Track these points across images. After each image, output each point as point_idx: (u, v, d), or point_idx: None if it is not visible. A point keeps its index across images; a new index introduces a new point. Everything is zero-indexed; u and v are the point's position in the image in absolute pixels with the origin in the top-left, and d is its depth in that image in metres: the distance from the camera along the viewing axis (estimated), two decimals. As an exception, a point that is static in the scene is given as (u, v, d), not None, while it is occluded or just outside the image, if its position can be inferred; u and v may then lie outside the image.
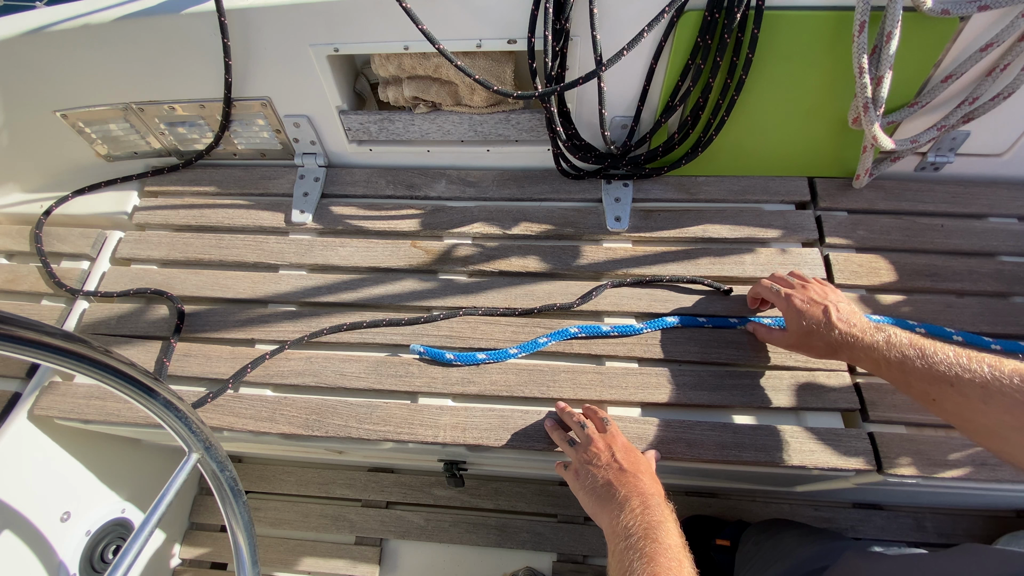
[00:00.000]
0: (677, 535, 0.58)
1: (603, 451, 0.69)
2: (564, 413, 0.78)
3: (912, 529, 1.23)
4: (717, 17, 0.77)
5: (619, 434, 0.73)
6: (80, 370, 0.50)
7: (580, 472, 0.69)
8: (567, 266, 0.95)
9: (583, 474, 0.69)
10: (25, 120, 1.04)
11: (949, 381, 0.57)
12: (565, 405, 0.79)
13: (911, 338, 0.63)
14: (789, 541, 0.85)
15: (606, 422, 0.74)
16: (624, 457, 0.68)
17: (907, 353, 0.61)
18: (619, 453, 0.69)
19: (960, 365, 0.57)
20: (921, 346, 0.61)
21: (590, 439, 0.72)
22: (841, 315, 0.70)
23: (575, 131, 0.93)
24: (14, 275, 1.03)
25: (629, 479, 0.65)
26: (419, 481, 1.38)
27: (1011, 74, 0.80)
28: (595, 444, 0.70)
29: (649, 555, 0.54)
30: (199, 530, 1.39)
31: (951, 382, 0.57)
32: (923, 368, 0.59)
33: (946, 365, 0.58)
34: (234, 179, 1.10)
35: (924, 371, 0.59)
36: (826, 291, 0.75)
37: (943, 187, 0.99)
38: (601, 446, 0.70)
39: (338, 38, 0.87)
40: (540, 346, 0.87)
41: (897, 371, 0.62)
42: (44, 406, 0.88)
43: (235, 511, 0.68)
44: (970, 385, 0.55)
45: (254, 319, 0.94)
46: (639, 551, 0.55)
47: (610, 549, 0.59)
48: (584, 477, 0.68)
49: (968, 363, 0.56)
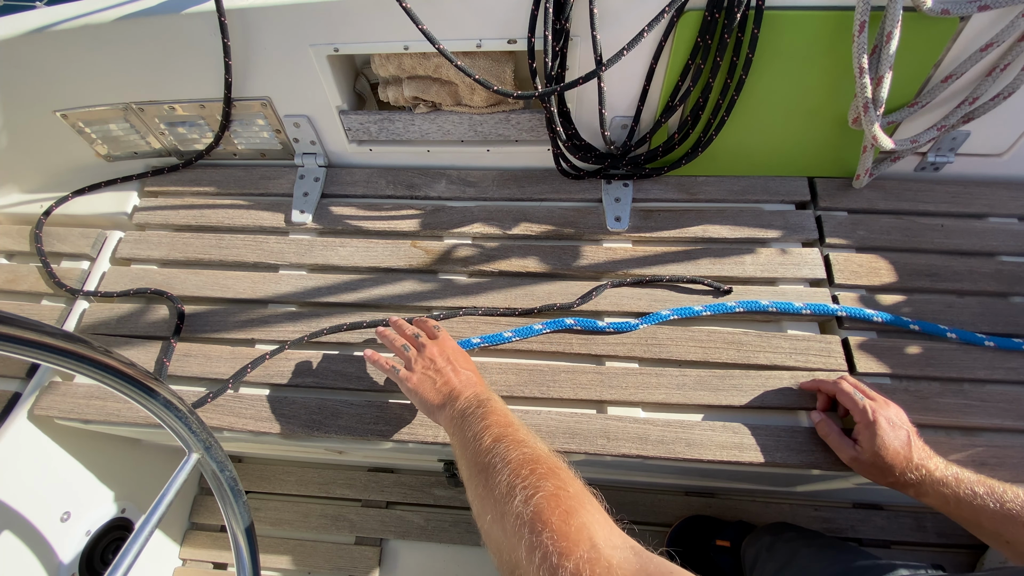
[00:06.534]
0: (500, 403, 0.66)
1: (437, 356, 0.74)
2: (396, 324, 0.79)
3: (912, 529, 1.23)
4: (717, 17, 0.77)
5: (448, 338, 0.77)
6: (80, 370, 0.50)
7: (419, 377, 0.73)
8: (567, 266, 0.95)
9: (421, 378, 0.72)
10: (25, 120, 1.04)
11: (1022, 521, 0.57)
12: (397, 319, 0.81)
13: (979, 477, 0.63)
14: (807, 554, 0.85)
15: (437, 329, 0.78)
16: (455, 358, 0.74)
17: (977, 490, 0.60)
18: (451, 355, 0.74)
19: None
20: (990, 485, 0.61)
21: (423, 346, 0.75)
22: (918, 444, 0.67)
23: (575, 131, 0.93)
24: (14, 275, 1.03)
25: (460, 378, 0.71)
26: (419, 481, 1.38)
27: (1011, 74, 0.80)
28: (429, 350, 0.74)
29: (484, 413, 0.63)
30: (199, 530, 1.39)
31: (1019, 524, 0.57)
32: (994, 508, 0.59)
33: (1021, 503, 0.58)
34: (234, 179, 1.10)
35: (995, 511, 0.59)
36: (903, 416, 0.71)
37: (943, 187, 0.99)
38: (435, 352, 0.74)
39: (338, 38, 0.87)
40: (536, 332, 0.87)
41: (967, 509, 0.61)
42: (44, 406, 0.88)
43: (235, 511, 0.68)
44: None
45: (254, 319, 0.94)
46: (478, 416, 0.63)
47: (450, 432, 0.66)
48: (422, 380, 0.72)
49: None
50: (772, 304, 0.87)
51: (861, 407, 0.70)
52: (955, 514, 0.63)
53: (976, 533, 0.62)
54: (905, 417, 0.71)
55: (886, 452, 0.66)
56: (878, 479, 0.69)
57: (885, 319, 0.85)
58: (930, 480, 0.64)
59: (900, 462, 0.66)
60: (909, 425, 0.70)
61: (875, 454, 0.67)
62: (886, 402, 0.72)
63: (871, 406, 0.70)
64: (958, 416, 0.79)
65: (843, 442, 0.72)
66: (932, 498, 0.64)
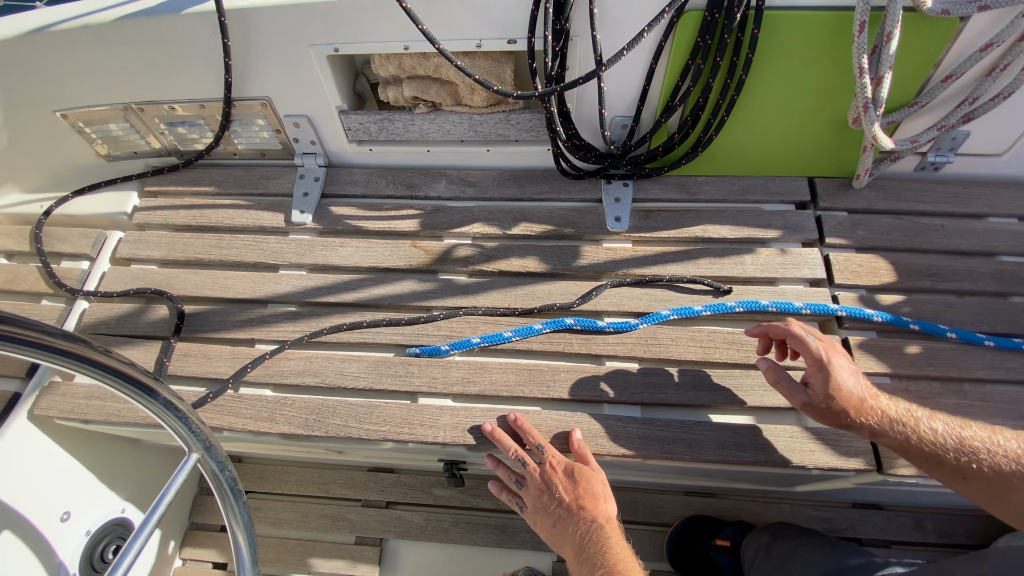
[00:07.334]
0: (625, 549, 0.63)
1: (544, 490, 0.71)
2: (497, 442, 0.78)
3: (912, 529, 1.23)
4: (717, 17, 0.77)
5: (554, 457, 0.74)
6: (80, 370, 0.50)
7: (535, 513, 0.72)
8: (567, 266, 0.95)
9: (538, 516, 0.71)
10: (25, 120, 1.04)
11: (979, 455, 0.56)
12: (494, 428, 0.79)
13: (932, 412, 0.61)
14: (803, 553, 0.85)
15: (541, 449, 0.75)
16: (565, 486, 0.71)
17: (936, 427, 0.59)
18: (560, 485, 0.71)
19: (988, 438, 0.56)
20: (947, 420, 0.59)
21: (532, 478, 0.73)
22: (869, 384, 0.65)
23: (575, 131, 0.93)
24: (14, 275, 1.03)
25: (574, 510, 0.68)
26: (419, 481, 1.38)
27: (1011, 74, 0.80)
28: (537, 484, 0.72)
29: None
30: (199, 530, 1.39)
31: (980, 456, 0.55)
32: (955, 443, 0.57)
33: (974, 437, 0.57)
34: (234, 179, 1.10)
35: (955, 446, 0.57)
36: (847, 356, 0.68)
37: (943, 187, 0.99)
38: (541, 484, 0.72)
39: (338, 38, 0.87)
40: (536, 332, 0.88)
41: (928, 447, 0.59)
42: (44, 406, 0.88)
43: (235, 511, 0.68)
44: (1003, 458, 0.54)
45: (254, 319, 0.94)
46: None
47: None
48: (539, 518, 0.71)
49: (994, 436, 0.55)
50: (772, 304, 0.87)
51: (814, 349, 0.66)
52: (915, 454, 0.60)
53: (933, 474, 0.60)
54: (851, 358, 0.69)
55: (840, 394, 0.63)
56: (831, 423, 0.66)
57: (885, 319, 0.85)
58: (888, 420, 0.61)
59: (854, 403, 0.63)
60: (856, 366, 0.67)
61: (828, 396, 0.64)
62: (832, 342, 0.68)
63: (824, 348, 0.66)
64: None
65: (794, 387, 0.68)
66: (889, 439, 0.62)
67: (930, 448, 0.59)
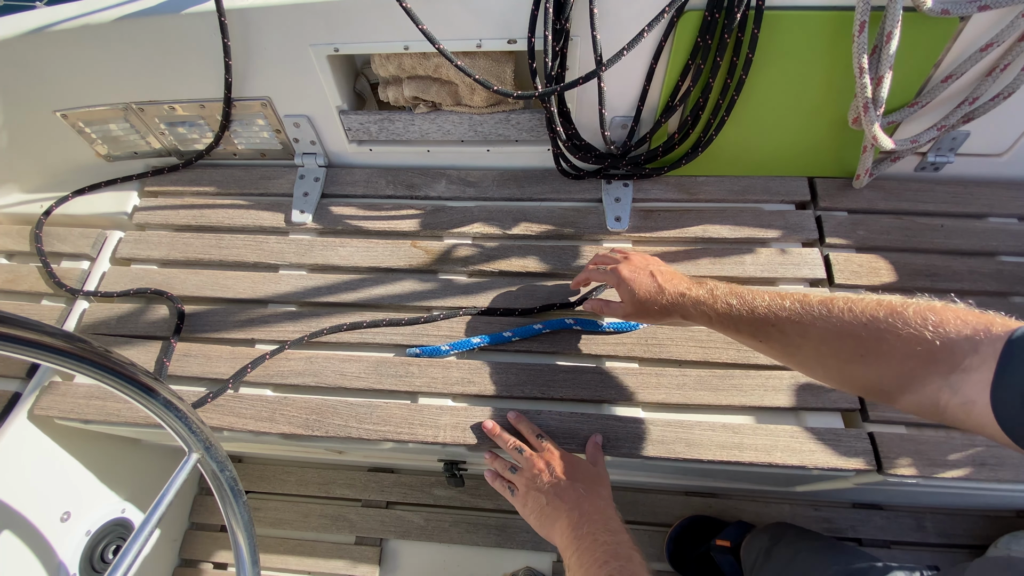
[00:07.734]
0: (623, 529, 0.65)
1: (538, 471, 0.72)
2: (497, 437, 0.78)
3: (912, 529, 1.23)
4: (717, 17, 0.77)
5: (553, 447, 0.75)
6: (80, 370, 0.50)
7: (527, 495, 0.72)
8: (567, 266, 0.95)
9: (530, 497, 0.71)
10: (25, 120, 1.04)
11: (770, 322, 0.59)
12: (494, 425, 0.79)
13: (731, 287, 0.65)
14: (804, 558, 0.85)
15: (540, 440, 0.76)
16: (561, 468, 0.72)
17: (731, 302, 0.63)
18: (556, 466, 0.72)
19: (776, 304, 0.60)
20: (740, 293, 0.64)
21: (528, 461, 0.74)
22: (665, 277, 0.72)
23: (575, 131, 0.93)
24: (14, 275, 1.03)
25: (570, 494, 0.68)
26: (419, 481, 1.38)
27: (1011, 74, 0.80)
28: (532, 466, 0.73)
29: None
30: (199, 530, 1.39)
31: (772, 323, 0.59)
32: (747, 314, 0.61)
33: (764, 307, 0.60)
34: (234, 179, 1.10)
35: (748, 316, 0.61)
36: (647, 260, 0.77)
37: (943, 187, 0.99)
38: (540, 466, 0.72)
39: (338, 38, 0.87)
40: (536, 332, 0.87)
41: (726, 319, 0.64)
42: (44, 406, 0.88)
43: (235, 511, 0.68)
44: (787, 322, 0.58)
45: (254, 319, 0.94)
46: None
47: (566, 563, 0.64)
48: (531, 498, 0.71)
49: (782, 302, 0.59)
50: None
51: (609, 272, 0.77)
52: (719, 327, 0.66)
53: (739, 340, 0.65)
54: (652, 259, 0.77)
55: (640, 294, 0.72)
56: (654, 319, 0.74)
57: None
58: (688, 302, 0.68)
59: (654, 295, 0.71)
60: (656, 265, 0.76)
61: (634, 300, 0.73)
62: (626, 255, 0.79)
63: (613, 267, 0.76)
64: None
65: (612, 306, 0.79)
66: (698, 318, 0.67)
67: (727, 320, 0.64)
